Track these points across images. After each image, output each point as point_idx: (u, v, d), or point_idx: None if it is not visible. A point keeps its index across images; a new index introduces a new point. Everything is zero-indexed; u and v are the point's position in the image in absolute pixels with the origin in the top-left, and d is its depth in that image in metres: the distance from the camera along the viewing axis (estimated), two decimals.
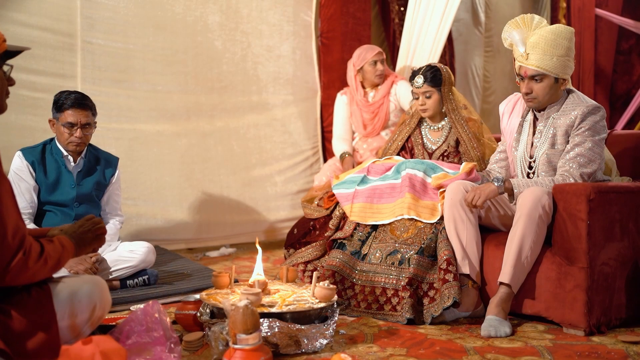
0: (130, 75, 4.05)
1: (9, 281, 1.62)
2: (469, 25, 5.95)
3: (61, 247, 1.76)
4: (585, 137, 2.54)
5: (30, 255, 1.64)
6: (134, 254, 3.02)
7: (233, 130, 4.42)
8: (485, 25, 6.06)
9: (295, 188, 4.65)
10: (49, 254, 1.70)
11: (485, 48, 6.11)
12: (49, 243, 1.73)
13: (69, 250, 1.80)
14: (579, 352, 2.18)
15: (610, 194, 2.44)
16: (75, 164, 3.02)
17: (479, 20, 6.01)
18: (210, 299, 2.29)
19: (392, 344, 2.29)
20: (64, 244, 1.79)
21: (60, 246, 1.76)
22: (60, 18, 3.80)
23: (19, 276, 1.63)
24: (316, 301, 2.28)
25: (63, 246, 1.77)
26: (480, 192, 2.56)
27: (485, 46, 6.11)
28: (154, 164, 4.12)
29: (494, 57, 6.22)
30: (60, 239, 1.80)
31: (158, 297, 2.81)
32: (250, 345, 1.90)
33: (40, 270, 1.67)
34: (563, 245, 2.43)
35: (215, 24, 4.34)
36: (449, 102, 3.14)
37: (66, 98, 2.94)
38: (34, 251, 1.65)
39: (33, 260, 1.64)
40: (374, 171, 3.10)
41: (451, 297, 2.50)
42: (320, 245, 3.06)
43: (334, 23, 4.74)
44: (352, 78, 4.14)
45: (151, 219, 4.08)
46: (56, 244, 1.75)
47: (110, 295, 1.91)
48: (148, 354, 1.80)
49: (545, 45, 2.52)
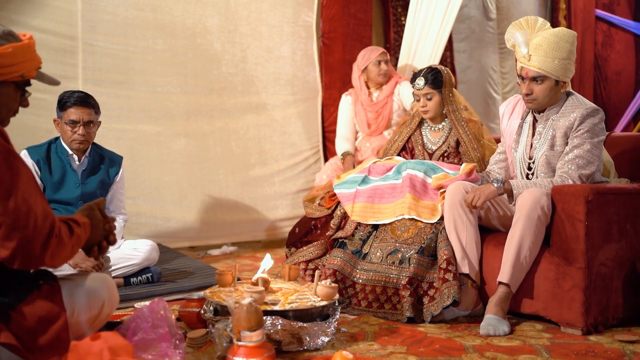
0: (130, 76, 4.09)
1: (49, 263, 1.67)
2: (480, 23, 5.92)
3: (84, 232, 1.79)
4: (584, 139, 2.57)
5: (62, 237, 1.67)
6: (138, 252, 3.05)
7: (232, 131, 4.46)
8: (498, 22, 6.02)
9: (296, 187, 4.68)
10: (77, 237, 1.74)
11: (499, 45, 6.06)
12: (75, 224, 1.76)
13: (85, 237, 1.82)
14: (577, 351, 2.21)
15: (608, 196, 2.47)
16: (79, 162, 3.05)
17: (491, 17, 5.99)
18: (214, 297, 2.32)
19: (392, 342, 2.32)
20: (86, 229, 1.81)
21: (84, 231, 1.79)
22: (61, 21, 3.85)
23: (53, 261, 1.67)
24: (318, 299, 2.31)
25: (85, 231, 1.80)
26: (480, 193, 2.59)
27: (500, 43, 6.05)
28: (154, 164, 4.16)
29: (510, 53, 6.16)
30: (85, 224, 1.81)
31: (162, 295, 2.84)
32: (254, 342, 1.94)
33: (69, 254, 1.72)
34: (561, 246, 2.47)
35: (215, 26, 4.38)
36: (449, 103, 3.17)
37: (69, 96, 2.97)
38: (64, 232, 1.69)
39: (64, 244, 1.68)
40: (375, 171, 3.13)
41: (451, 296, 2.53)
42: (321, 244, 3.08)
43: (336, 24, 4.77)
44: (356, 79, 4.19)
45: (150, 218, 4.12)
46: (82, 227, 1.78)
47: None
48: (154, 350, 1.83)
49: (547, 47, 2.56)
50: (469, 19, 5.77)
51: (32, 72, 1.77)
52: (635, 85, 6.52)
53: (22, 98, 1.81)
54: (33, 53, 1.77)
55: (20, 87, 1.78)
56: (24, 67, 1.74)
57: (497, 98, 6.02)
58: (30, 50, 1.76)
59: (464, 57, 5.85)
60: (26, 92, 1.81)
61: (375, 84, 4.16)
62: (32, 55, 1.76)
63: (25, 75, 1.75)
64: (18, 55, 1.71)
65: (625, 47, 6.48)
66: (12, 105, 1.78)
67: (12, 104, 1.78)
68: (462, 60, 5.83)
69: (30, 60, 1.75)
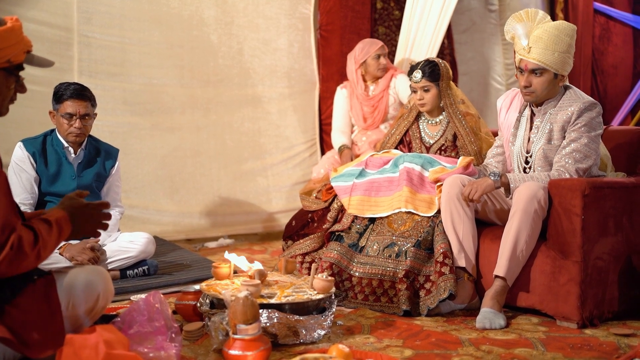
0: (126, 68, 4.08)
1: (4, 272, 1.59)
2: (482, 14, 5.89)
3: (58, 232, 1.69)
4: (581, 133, 2.57)
5: (22, 248, 1.59)
6: (134, 245, 3.04)
7: (227, 124, 4.44)
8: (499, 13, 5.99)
9: (293, 180, 4.67)
10: (43, 243, 1.64)
11: (502, 36, 6.02)
12: (45, 227, 1.66)
13: (66, 232, 1.73)
14: (572, 344, 2.22)
15: (605, 190, 2.47)
16: (75, 155, 3.04)
17: (492, 9, 5.96)
18: (211, 290, 2.32)
19: (388, 335, 2.33)
20: (62, 226, 1.71)
21: (57, 230, 1.69)
22: (57, 12, 3.83)
23: (10, 270, 1.60)
24: (314, 292, 2.31)
25: (60, 229, 1.70)
26: (477, 186, 2.59)
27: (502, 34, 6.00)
28: (147, 157, 4.15)
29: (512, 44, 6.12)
30: (59, 220, 1.71)
31: (158, 288, 2.83)
32: (250, 336, 1.94)
33: (33, 262, 1.64)
34: (558, 240, 2.47)
35: (211, 18, 4.36)
36: (446, 96, 3.16)
37: (65, 89, 2.95)
38: (27, 244, 1.60)
39: (24, 254, 1.60)
40: (372, 164, 3.13)
41: (447, 290, 2.54)
42: (318, 237, 3.09)
43: (333, 16, 4.75)
44: (352, 72, 4.16)
45: (143, 211, 4.11)
46: (53, 228, 1.68)
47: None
48: (150, 343, 1.83)
49: (548, 39, 2.55)
50: (469, 10, 5.74)
51: (19, 56, 1.67)
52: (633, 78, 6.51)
53: (17, 84, 1.73)
54: (19, 36, 1.66)
55: (11, 72, 1.69)
56: (10, 51, 1.63)
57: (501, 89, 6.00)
58: (15, 34, 1.64)
59: (466, 49, 5.83)
60: (20, 78, 1.73)
61: (372, 78, 4.15)
62: (18, 38, 1.65)
63: (12, 60, 1.65)
64: (2, 39, 1.61)
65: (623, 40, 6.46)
66: (4, 92, 1.70)
67: (4, 91, 1.70)
68: (464, 51, 5.81)
69: (16, 44, 1.65)
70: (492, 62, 6.00)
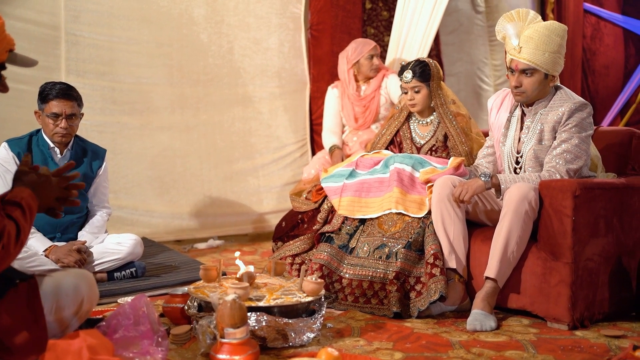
0: (114, 67, 4.03)
1: None
2: (469, 16, 5.90)
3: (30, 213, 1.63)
4: (572, 133, 2.56)
5: (10, 242, 1.55)
6: (122, 246, 3.00)
7: (217, 124, 4.41)
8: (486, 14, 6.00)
9: (283, 180, 4.64)
10: (24, 232, 1.60)
11: (489, 37, 6.03)
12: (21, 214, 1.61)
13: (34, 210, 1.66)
14: (563, 346, 2.21)
15: (596, 190, 2.46)
16: (62, 155, 2.99)
17: (479, 10, 5.97)
18: (198, 293, 2.28)
19: (378, 337, 2.31)
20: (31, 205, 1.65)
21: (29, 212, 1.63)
22: (44, 10, 3.78)
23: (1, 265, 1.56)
24: (304, 295, 2.29)
25: (31, 209, 1.64)
26: (468, 187, 2.57)
27: (490, 35, 6.02)
28: (136, 157, 4.11)
29: (502, 45, 6.11)
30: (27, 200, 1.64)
31: (145, 290, 2.81)
32: (238, 339, 1.91)
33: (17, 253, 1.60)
34: (548, 241, 2.46)
35: (201, 17, 4.33)
36: (437, 97, 3.15)
37: (51, 89, 2.91)
38: (11, 238, 1.56)
39: (12, 246, 1.56)
40: (363, 165, 3.11)
41: (438, 291, 2.52)
42: (308, 238, 3.06)
43: (324, 15, 4.72)
44: (344, 72, 4.15)
45: (132, 212, 4.07)
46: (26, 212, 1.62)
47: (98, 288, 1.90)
48: (135, 347, 1.80)
49: (538, 40, 2.54)
50: (456, 12, 5.74)
51: (2, 55, 1.63)
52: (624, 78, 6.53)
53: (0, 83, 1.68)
54: (1, 35, 1.61)
55: None
56: None
57: (489, 90, 6.01)
58: None
59: (452, 50, 5.83)
60: (2, 77, 1.68)
61: (364, 78, 4.13)
62: (0, 37, 1.61)
63: None
64: None
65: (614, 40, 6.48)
66: None
67: None
68: (451, 52, 5.82)
69: None
70: (479, 63, 6.02)
